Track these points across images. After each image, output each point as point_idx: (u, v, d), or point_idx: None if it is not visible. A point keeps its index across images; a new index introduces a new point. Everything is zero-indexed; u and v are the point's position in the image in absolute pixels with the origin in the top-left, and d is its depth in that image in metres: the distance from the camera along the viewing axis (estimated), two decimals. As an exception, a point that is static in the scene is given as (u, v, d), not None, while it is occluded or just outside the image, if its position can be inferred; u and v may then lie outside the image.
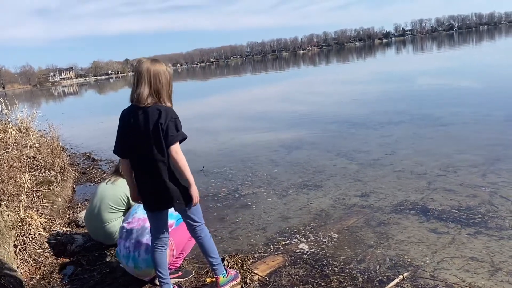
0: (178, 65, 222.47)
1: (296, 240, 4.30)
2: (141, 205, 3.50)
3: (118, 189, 4.22)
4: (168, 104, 2.98)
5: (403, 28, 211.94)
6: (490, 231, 3.96)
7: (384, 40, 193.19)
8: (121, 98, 39.69)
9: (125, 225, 3.55)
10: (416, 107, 11.58)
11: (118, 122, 3.05)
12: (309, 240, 4.26)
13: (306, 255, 3.94)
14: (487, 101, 11.08)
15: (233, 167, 7.52)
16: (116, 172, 4.35)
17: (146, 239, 3.36)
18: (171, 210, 3.40)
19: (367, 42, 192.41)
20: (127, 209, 4.24)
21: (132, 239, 3.42)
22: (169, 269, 3.45)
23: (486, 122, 8.69)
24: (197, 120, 14.61)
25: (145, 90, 2.86)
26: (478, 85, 14.64)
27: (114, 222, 4.24)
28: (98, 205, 4.27)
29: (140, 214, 3.50)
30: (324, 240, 4.21)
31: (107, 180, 4.37)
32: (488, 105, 10.48)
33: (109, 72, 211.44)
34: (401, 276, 3.36)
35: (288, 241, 4.29)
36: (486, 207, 4.50)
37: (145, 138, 2.91)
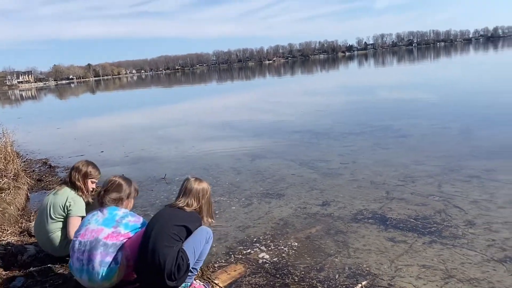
0: (143, 71, 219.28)
1: (257, 249, 4.27)
2: (94, 216, 3.38)
3: (59, 198, 4.06)
4: None
5: (365, 42, 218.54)
6: (444, 239, 4.08)
7: (347, 53, 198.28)
8: (81, 103, 38.55)
9: (77, 237, 3.39)
10: (377, 118, 11.89)
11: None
12: (270, 249, 4.24)
13: (267, 264, 3.91)
14: (444, 114, 11.53)
15: (195, 175, 7.41)
16: (64, 183, 4.20)
17: (101, 251, 3.22)
18: (127, 220, 3.30)
19: (331, 55, 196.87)
20: (65, 218, 4.07)
21: (85, 252, 3.27)
22: (125, 281, 3.33)
23: (442, 134, 9.02)
24: (160, 127, 14.40)
25: None
26: (435, 98, 15.23)
27: (57, 232, 4.06)
28: (42, 215, 4.11)
29: (93, 225, 3.35)
30: (285, 249, 4.21)
31: (52, 190, 4.21)
32: (444, 117, 10.91)
33: (71, 76, 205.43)
34: (360, 285, 3.39)
35: (249, 250, 4.26)
36: (441, 216, 4.64)
37: None
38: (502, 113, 10.83)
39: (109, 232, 3.26)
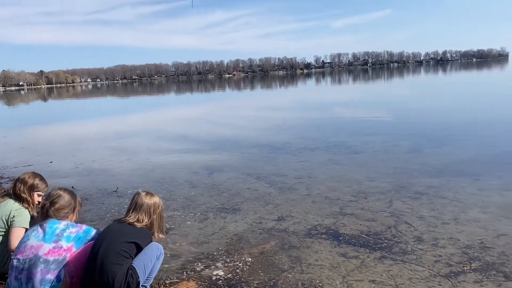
0: (98, 80, 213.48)
1: (211, 265, 4.19)
2: (34, 231, 3.20)
3: (2, 210, 3.82)
4: None
5: (323, 61, 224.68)
6: (394, 255, 4.17)
7: (305, 71, 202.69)
8: (31, 111, 36.86)
9: (16, 254, 3.18)
10: (332, 134, 12.16)
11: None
12: (224, 265, 4.17)
13: (220, 281, 3.84)
14: (395, 132, 11.97)
15: (148, 188, 7.22)
16: (7, 194, 3.96)
17: (41, 269, 3.03)
18: (68, 232, 3.14)
19: (290, 71, 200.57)
20: (7, 232, 3.83)
21: (24, 270, 3.06)
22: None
23: (393, 152, 9.34)
24: (114, 138, 14.00)
25: None
26: (388, 116, 15.82)
27: None
28: None
29: (32, 241, 3.15)
30: (239, 264, 4.15)
31: None
32: (396, 135, 11.32)
33: (21, 83, 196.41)
34: (312, 301, 3.39)
35: (202, 267, 4.17)
36: (392, 232, 4.76)
37: None
38: (450, 132, 11.39)
39: (49, 247, 3.08)
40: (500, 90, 26.41)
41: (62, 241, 3.14)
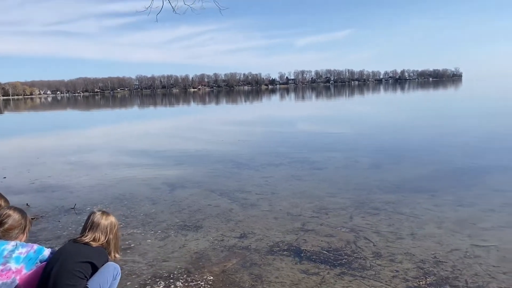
0: (58, 92, 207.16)
1: (171, 284, 4.09)
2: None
3: None
4: None
5: (287, 77, 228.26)
6: (353, 271, 4.23)
7: (270, 86, 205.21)
8: (-15, 123, 35.17)
9: None
10: (296, 150, 12.30)
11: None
12: (184, 284, 4.09)
13: (179, 301, 3.75)
14: (356, 148, 12.26)
15: (108, 205, 7.03)
16: None
17: None
18: (17, 253, 3.00)
19: (255, 87, 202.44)
20: None
21: None
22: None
23: (354, 167, 9.55)
24: (73, 153, 13.56)
25: None
26: (349, 132, 16.20)
27: None
28: None
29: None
30: (200, 283, 4.08)
31: None
32: (356, 151, 11.59)
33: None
34: (273, 320, 3.37)
35: (162, 286, 4.06)
36: (352, 248, 4.84)
37: None
38: (407, 148, 11.80)
39: (-3, 271, 2.93)
40: (455, 108, 27.70)
41: (10, 263, 2.98)
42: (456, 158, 10.06)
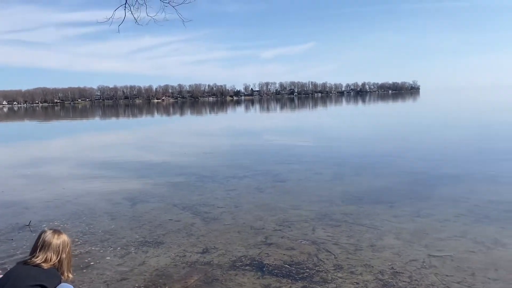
0: (15, 103, 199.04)
1: (129, 304, 3.97)
2: None
3: None
4: None
5: (251, 89, 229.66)
6: (315, 285, 4.26)
7: (234, 98, 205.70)
8: None
9: None
10: (260, 162, 12.34)
11: None
12: (143, 303, 3.98)
13: (138, 322, 3.64)
14: (319, 160, 12.45)
15: (65, 222, 6.77)
16: None
17: None
18: None
19: (220, 98, 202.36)
20: None
21: None
22: None
23: (316, 179, 9.68)
24: (29, 165, 13.02)
25: None
26: (312, 144, 16.45)
27: None
28: None
29: None
30: (160, 302, 3.98)
31: None
32: (319, 163, 11.77)
33: None
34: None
35: (120, 306, 3.94)
36: (313, 261, 4.88)
37: None
38: (368, 160, 12.09)
39: None
40: (413, 120, 28.73)
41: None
42: (414, 169, 10.40)
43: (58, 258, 3.10)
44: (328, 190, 8.57)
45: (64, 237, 3.22)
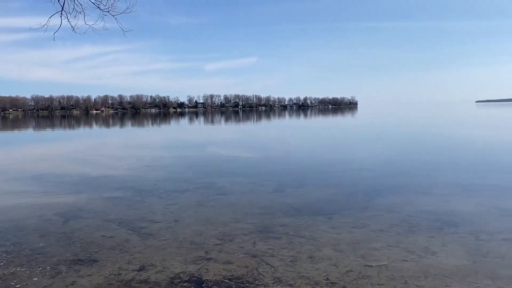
0: None
1: (56, 329, 3.69)
2: None
3: None
4: None
5: (196, 101, 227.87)
6: (255, 299, 4.23)
7: (178, 110, 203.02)
8: None
9: None
10: (202, 175, 12.19)
11: None
12: (72, 327, 3.72)
13: None
14: (262, 172, 12.53)
15: (-13, 241, 6.23)
16: None
17: None
18: None
19: (163, 110, 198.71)
20: None
21: None
22: None
23: (259, 192, 9.71)
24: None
25: None
26: (256, 157, 16.54)
27: None
28: None
29: None
30: (91, 325, 3.74)
31: None
32: (262, 175, 11.84)
33: None
34: None
35: (45, 332, 3.65)
36: (253, 274, 4.84)
37: None
38: (309, 172, 12.34)
39: None
40: (352, 134, 29.87)
41: None
42: (353, 181, 10.77)
43: None
44: (270, 202, 8.62)
45: None
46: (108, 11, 8.18)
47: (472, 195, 8.89)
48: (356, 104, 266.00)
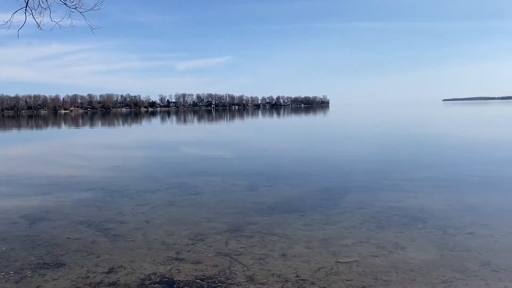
0: None
1: (20, 336, 3.55)
2: None
3: None
4: None
5: (168, 100, 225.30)
6: (226, 298, 4.19)
7: (150, 109, 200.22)
8: None
9: None
10: (174, 175, 12.04)
11: None
12: (36, 334, 3.58)
13: None
14: (235, 171, 12.49)
15: None
16: None
17: None
18: None
19: (134, 109, 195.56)
20: None
21: None
22: None
23: (231, 191, 9.67)
24: None
25: None
26: (228, 155, 16.48)
27: None
28: None
29: None
30: (56, 331, 3.61)
31: None
32: (235, 174, 11.80)
33: None
34: None
35: None
36: (226, 274, 4.80)
37: None
38: (281, 171, 12.38)
39: None
40: (323, 132, 30.22)
41: None
42: (324, 179, 10.88)
43: None
44: (243, 201, 8.59)
45: None
46: (75, 8, 7.94)
47: (439, 191, 9.12)
48: (328, 103, 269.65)
